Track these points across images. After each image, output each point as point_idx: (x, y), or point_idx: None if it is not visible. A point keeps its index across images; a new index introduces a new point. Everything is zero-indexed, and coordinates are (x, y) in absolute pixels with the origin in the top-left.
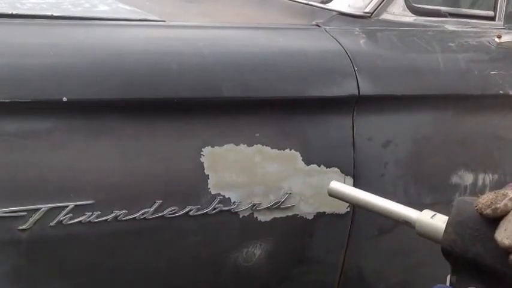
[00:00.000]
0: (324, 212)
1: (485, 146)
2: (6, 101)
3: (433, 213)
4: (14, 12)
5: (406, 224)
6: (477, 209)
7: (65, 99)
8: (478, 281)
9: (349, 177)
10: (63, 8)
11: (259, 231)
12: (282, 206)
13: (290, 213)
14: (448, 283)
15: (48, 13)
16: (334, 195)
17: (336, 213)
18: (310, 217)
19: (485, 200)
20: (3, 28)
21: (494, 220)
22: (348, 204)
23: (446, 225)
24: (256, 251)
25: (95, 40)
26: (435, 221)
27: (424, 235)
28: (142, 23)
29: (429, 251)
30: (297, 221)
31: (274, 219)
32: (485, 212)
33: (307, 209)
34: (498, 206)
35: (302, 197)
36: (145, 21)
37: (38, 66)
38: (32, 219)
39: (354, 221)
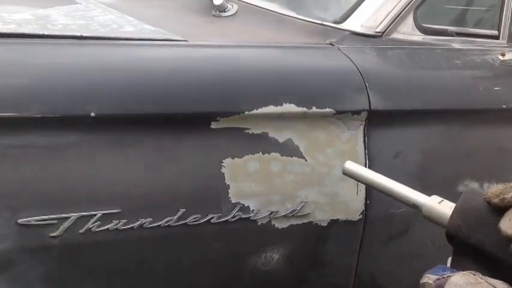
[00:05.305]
0: (338, 219)
1: (490, 157)
2: (38, 116)
3: (441, 199)
4: (46, 33)
5: (414, 207)
6: (485, 198)
7: (92, 114)
8: (476, 265)
9: (361, 185)
10: (92, 29)
11: (276, 238)
12: (298, 214)
13: (306, 221)
14: (448, 264)
15: (78, 34)
16: (349, 174)
17: (349, 220)
18: (325, 224)
19: (494, 190)
20: (35, 48)
21: (499, 210)
22: (360, 211)
23: (452, 212)
24: (274, 256)
25: (121, 59)
26: (442, 206)
27: (429, 219)
28: (166, 43)
29: (439, 254)
30: (312, 228)
31: (291, 226)
32: (493, 201)
33: (321, 217)
34: (506, 196)
35: (317, 205)
36: (169, 41)
37: (67, 84)
38: (62, 227)
39: (365, 227)
